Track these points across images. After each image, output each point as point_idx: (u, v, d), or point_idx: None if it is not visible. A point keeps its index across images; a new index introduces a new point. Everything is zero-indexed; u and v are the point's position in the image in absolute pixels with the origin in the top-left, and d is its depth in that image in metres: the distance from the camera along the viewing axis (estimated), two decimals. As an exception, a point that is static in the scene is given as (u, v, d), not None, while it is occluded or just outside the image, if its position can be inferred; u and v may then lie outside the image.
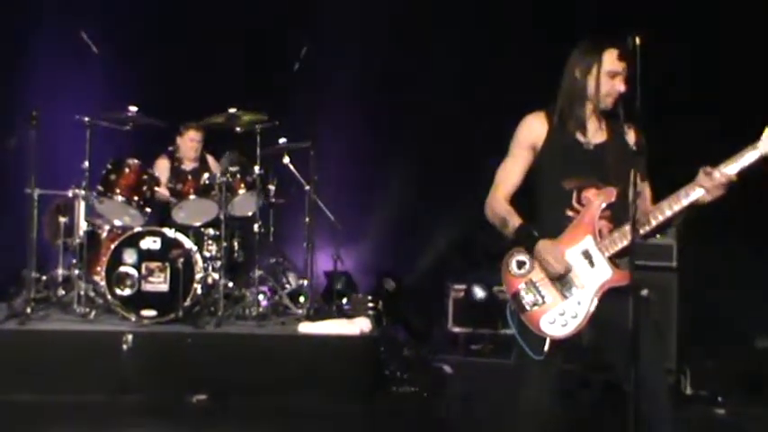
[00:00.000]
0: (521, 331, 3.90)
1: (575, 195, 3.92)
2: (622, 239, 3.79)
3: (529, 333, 3.87)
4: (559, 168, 3.95)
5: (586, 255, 3.86)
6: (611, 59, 3.90)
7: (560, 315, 3.83)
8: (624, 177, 3.82)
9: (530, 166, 4.03)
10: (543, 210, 4.02)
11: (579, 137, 3.97)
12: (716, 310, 8.05)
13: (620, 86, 3.87)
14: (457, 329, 8.99)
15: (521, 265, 3.92)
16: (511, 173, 4.05)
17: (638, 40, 3.63)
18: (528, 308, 3.88)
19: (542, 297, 3.87)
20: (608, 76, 3.90)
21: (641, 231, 3.76)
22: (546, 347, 3.83)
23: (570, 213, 3.92)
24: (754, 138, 3.67)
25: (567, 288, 3.85)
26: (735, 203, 3.81)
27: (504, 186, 4.04)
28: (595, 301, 3.80)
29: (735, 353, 7.69)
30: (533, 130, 4.02)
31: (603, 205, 3.86)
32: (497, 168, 4.10)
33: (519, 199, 4.06)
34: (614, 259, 3.83)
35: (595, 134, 3.98)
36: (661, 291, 7.23)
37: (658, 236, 3.94)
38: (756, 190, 3.79)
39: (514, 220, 3.95)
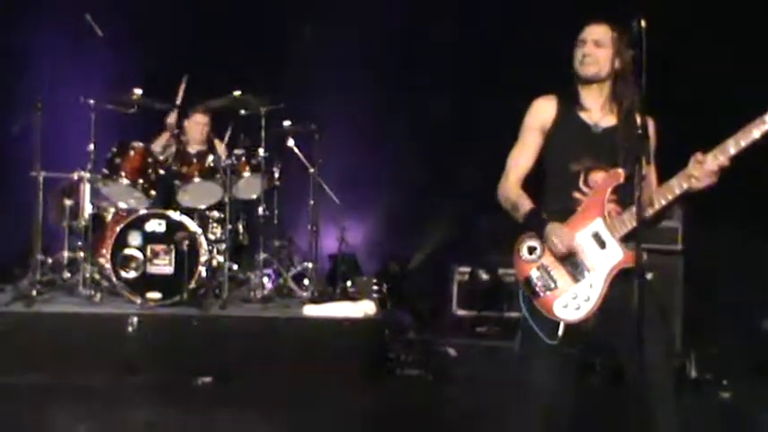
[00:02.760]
0: (534, 316, 3.88)
1: (582, 178, 3.91)
2: (632, 221, 3.74)
3: (542, 318, 3.85)
4: (567, 151, 3.94)
5: (597, 237, 3.84)
6: (583, 30, 3.95)
7: (573, 299, 3.81)
8: (632, 160, 3.83)
9: (540, 149, 4.02)
10: (551, 192, 4.01)
11: (587, 119, 3.96)
12: (721, 293, 8.05)
13: (586, 49, 3.89)
14: (461, 312, 9.01)
15: (532, 250, 3.90)
16: (521, 157, 4.03)
17: (642, 23, 3.62)
18: (540, 293, 3.85)
19: (554, 281, 3.85)
20: (577, 45, 3.94)
21: (646, 214, 3.74)
22: (560, 332, 3.80)
23: (578, 196, 3.90)
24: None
25: (578, 271, 3.83)
26: (739, 186, 3.80)
27: (515, 171, 4.03)
28: (608, 284, 3.78)
29: (740, 336, 7.70)
30: (542, 112, 4.01)
31: (611, 187, 3.84)
32: (507, 153, 4.08)
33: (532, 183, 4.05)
34: (624, 241, 3.80)
35: (605, 117, 3.96)
36: (666, 274, 7.23)
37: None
38: (761, 173, 3.78)
39: (525, 205, 3.94)
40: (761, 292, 7.90)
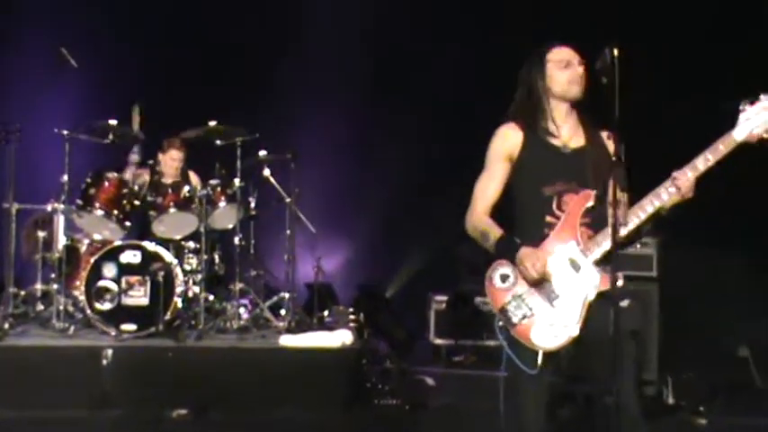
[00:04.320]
0: (511, 346, 3.83)
1: (555, 201, 3.89)
2: (606, 242, 3.76)
3: (520, 347, 3.80)
4: (539, 175, 3.93)
5: (571, 261, 3.82)
6: (556, 52, 3.97)
7: (550, 326, 3.77)
8: (603, 182, 3.85)
9: (507, 177, 4.00)
10: (523, 218, 3.99)
11: (555, 142, 3.96)
12: (697, 319, 8.06)
13: (578, 69, 3.92)
14: (439, 341, 8.99)
15: (504, 278, 3.86)
16: (489, 187, 4.02)
17: (615, 52, 3.65)
18: (517, 321, 3.81)
19: (530, 309, 3.81)
20: (558, 67, 3.95)
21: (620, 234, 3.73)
22: (539, 361, 3.75)
23: (550, 220, 3.88)
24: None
25: (554, 297, 3.80)
26: (714, 212, 3.83)
27: (482, 201, 4.01)
28: (585, 308, 3.74)
29: (716, 362, 7.71)
30: (508, 140, 4.00)
31: (584, 209, 3.83)
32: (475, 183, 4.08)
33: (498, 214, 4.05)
34: (599, 264, 3.78)
35: (572, 139, 3.97)
36: (641, 300, 7.24)
37: (638, 245, 3.94)
38: (734, 198, 3.81)
39: (495, 232, 3.91)
40: (736, 318, 7.93)
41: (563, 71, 3.94)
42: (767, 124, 3.75)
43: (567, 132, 3.98)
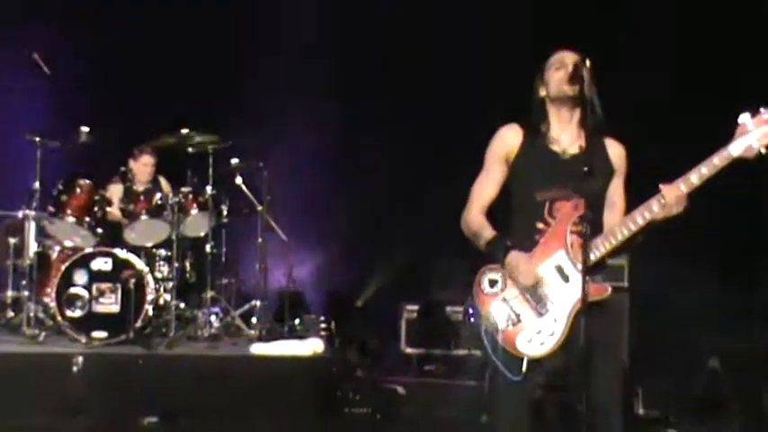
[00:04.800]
0: (496, 352, 3.79)
1: (547, 207, 3.86)
2: (595, 252, 3.75)
3: (505, 353, 3.78)
4: (534, 179, 3.91)
5: (559, 269, 3.80)
6: (555, 56, 3.97)
7: (537, 333, 3.75)
8: (598, 190, 3.87)
9: (504, 178, 3.99)
10: (515, 222, 3.97)
11: (554, 147, 3.94)
12: (667, 330, 8.12)
13: (568, 68, 3.86)
14: (410, 350, 9.01)
15: (493, 283, 3.84)
16: (485, 187, 4.01)
17: (587, 62, 3.69)
18: (503, 327, 3.78)
19: (517, 315, 3.78)
20: (553, 68, 3.94)
21: (605, 247, 3.77)
22: (524, 368, 3.74)
23: (541, 226, 3.86)
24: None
25: (541, 305, 3.78)
26: (684, 223, 3.85)
27: (478, 201, 4.00)
28: (572, 318, 3.71)
29: (687, 373, 7.76)
30: (506, 141, 3.99)
31: (574, 218, 3.79)
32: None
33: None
34: (588, 273, 3.69)
35: (572, 145, 3.92)
36: (613, 311, 7.28)
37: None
38: (706, 210, 3.83)
39: (487, 233, 3.90)
40: (707, 328, 7.98)
41: (557, 72, 3.92)
42: (765, 139, 3.65)
43: (567, 138, 3.95)
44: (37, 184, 7.45)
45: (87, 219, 7.47)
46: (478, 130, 4.19)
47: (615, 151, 4.01)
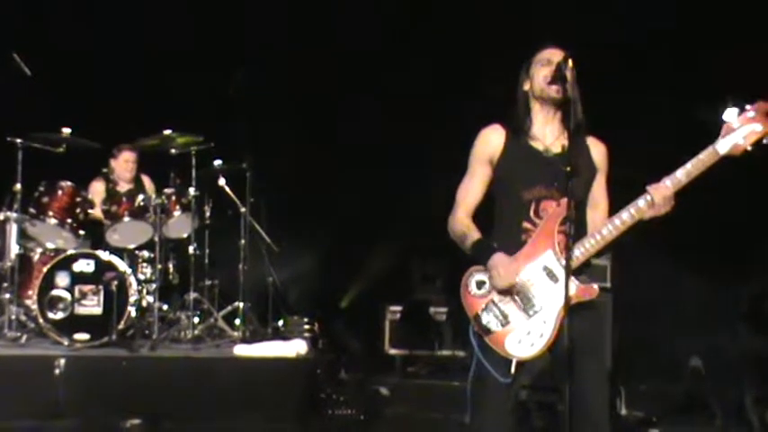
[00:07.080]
0: (485, 353, 3.78)
1: (532, 207, 3.85)
2: (583, 252, 3.75)
3: (493, 355, 3.76)
4: (519, 179, 3.89)
5: (547, 270, 3.78)
6: (542, 52, 3.96)
7: (527, 335, 3.73)
8: (581, 190, 3.86)
9: (489, 180, 3.98)
10: (501, 222, 3.96)
11: (537, 145, 3.93)
12: (649, 330, 8.16)
13: (552, 67, 3.83)
14: (393, 351, 9.02)
15: (480, 284, 3.81)
16: (470, 190, 4.00)
17: (569, 62, 3.70)
18: (492, 329, 3.76)
19: (505, 317, 3.76)
20: (539, 65, 3.93)
21: (593, 246, 3.76)
22: (512, 369, 3.72)
23: (527, 226, 3.85)
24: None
25: (530, 306, 3.76)
26: (667, 225, 3.85)
27: (464, 204, 3.99)
28: (560, 319, 3.68)
29: (669, 373, 7.80)
30: (490, 142, 3.98)
31: (561, 218, 3.76)
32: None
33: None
34: (576, 274, 3.75)
35: (555, 144, 3.92)
36: (598, 311, 7.31)
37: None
38: (688, 211, 3.84)
39: (472, 235, 3.88)
40: (689, 329, 8.02)
41: (542, 69, 3.90)
42: (752, 137, 3.67)
43: (550, 136, 3.94)
44: (18, 186, 7.41)
45: (69, 220, 7.45)
46: (463, 132, 4.18)
47: (598, 150, 4.01)
